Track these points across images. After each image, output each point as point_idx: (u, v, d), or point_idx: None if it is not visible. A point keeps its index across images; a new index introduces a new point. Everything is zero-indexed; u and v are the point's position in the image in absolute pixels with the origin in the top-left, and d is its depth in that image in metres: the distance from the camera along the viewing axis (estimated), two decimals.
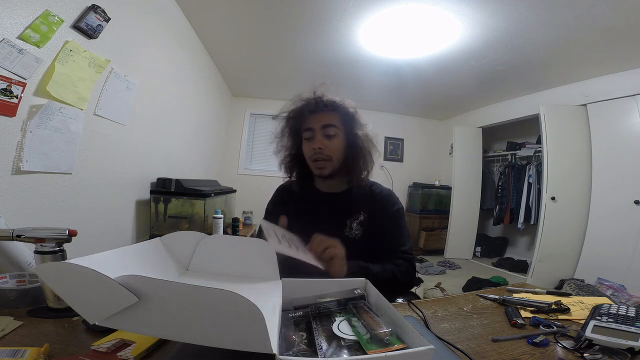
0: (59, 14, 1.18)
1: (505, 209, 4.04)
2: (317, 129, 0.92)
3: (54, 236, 0.64)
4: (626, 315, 0.63)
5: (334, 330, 0.49)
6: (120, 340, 0.51)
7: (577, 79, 3.10)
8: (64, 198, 1.33)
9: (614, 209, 2.79)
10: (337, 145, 0.93)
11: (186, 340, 0.39)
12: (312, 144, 0.92)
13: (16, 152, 1.09)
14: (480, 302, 0.82)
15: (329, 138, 0.92)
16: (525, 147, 4.01)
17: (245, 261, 0.68)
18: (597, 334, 0.57)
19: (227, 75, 3.79)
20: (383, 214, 0.97)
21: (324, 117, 0.92)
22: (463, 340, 0.60)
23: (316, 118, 0.92)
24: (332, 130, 0.92)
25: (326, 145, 0.91)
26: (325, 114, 0.93)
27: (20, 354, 0.45)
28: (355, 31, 2.49)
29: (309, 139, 0.93)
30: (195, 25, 2.56)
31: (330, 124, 0.92)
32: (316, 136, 0.92)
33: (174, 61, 2.33)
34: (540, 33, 2.31)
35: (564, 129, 3.09)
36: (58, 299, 0.63)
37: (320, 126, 0.92)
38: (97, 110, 1.48)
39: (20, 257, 0.98)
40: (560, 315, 0.72)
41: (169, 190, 2.02)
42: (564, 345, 0.57)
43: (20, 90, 1.06)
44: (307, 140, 0.94)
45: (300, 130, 0.95)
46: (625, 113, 2.75)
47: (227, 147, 4.44)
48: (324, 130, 0.92)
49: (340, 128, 0.94)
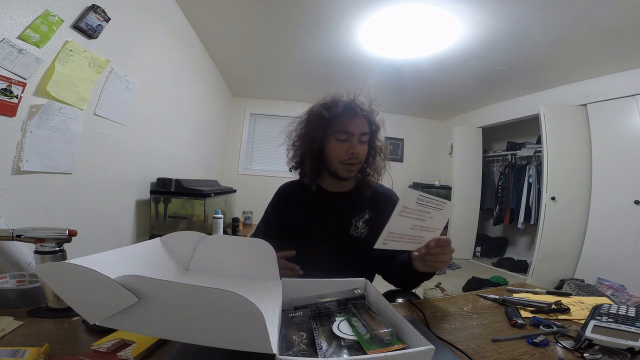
0: (59, 14, 1.18)
1: (505, 209, 4.04)
2: (356, 134, 0.93)
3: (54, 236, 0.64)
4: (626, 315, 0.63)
5: (334, 330, 0.49)
6: (120, 340, 0.51)
7: (577, 79, 3.10)
8: (64, 198, 1.33)
9: (614, 209, 2.79)
10: (366, 150, 0.97)
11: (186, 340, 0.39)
12: (348, 148, 0.92)
13: (16, 152, 1.09)
14: (480, 302, 0.82)
15: (363, 144, 0.95)
16: (525, 147, 4.01)
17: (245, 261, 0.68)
18: (597, 334, 0.56)
19: (227, 75, 3.78)
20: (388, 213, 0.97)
21: (362, 124, 0.94)
22: (463, 340, 0.60)
23: (355, 123, 0.93)
24: (365, 137, 0.95)
25: (361, 151, 0.94)
26: (363, 120, 0.95)
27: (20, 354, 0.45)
28: (355, 31, 2.49)
29: (344, 141, 0.93)
30: (195, 25, 2.56)
31: (366, 132, 0.95)
32: (353, 140, 0.92)
33: (174, 61, 2.33)
34: (540, 33, 2.31)
35: (564, 129, 3.09)
36: (58, 299, 0.63)
37: (360, 132, 0.93)
38: (97, 110, 1.48)
39: (20, 257, 0.98)
40: (560, 315, 0.72)
41: (169, 190, 2.02)
42: (564, 345, 0.57)
43: (20, 90, 1.06)
44: (340, 142, 0.93)
45: (331, 131, 0.94)
46: (625, 113, 2.75)
47: (227, 147, 4.44)
48: (361, 137, 0.94)
49: (369, 135, 0.97)
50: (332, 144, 0.94)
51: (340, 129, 0.93)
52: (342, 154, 0.93)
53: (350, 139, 0.92)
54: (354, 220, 0.96)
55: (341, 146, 0.93)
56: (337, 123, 0.93)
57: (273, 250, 0.68)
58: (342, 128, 0.92)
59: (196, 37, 2.72)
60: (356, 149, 0.92)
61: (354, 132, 0.92)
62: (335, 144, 0.94)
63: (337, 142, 0.93)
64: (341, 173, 0.95)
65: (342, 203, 0.99)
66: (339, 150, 0.93)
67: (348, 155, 0.92)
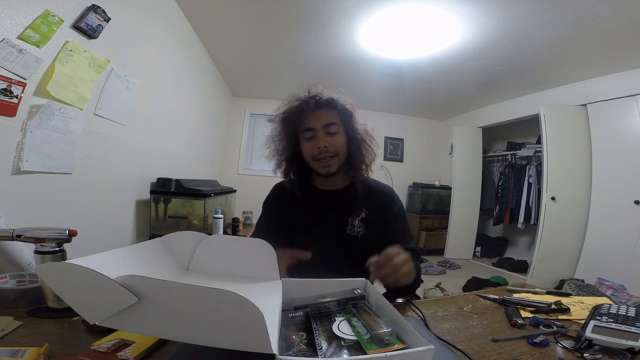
0: (59, 14, 1.18)
1: (505, 209, 4.04)
2: (319, 128, 0.91)
3: (54, 236, 0.64)
4: (626, 315, 0.63)
5: (334, 330, 0.49)
6: (120, 340, 0.51)
7: (577, 79, 3.10)
8: (64, 198, 1.33)
9: (614, 209, 2.79)
10: (340, 141, 0.93)
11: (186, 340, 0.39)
12: (315, 144, 0.91)
13: (16, 152, 1.09)
14: (480, 302, 0.82)
15: (332, 135, 0.91)
16: (525, 147, 4.01)
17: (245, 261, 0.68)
18: (597, 334, 0.56)
19: (227, 75, 3.78)
20: (385, 211, 0.97)
21: (324, 116, 0.92)
22: (463, 340, 0.60)
23: (316, 117, 0.91)
24: (334, 127, 0.92)
25: (331, 143, 0.91)
26: (325, 112, 0.92)
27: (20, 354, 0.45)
28: (355, 31, 2.49)
29: (311, 139, 0.92)
30: (195, 25, 2.56)
31: (332, 122, 0.92)
32: (319, 135, 0.91)
33: (174, 61, 2.33)
34: (540, 33, 2.30)
35: (564, 129, 3.09)
36: (58, 299, 0.63)
37: (322, 125, 0.91)
38: (97, 110, 1.48)
39: (20, 257, 0.98)
40: (560, 315, 0.72)
41: (169, 190, 2.02)
42: (564, 345, 0.57)
43: (20, 90, 1.06)
44: (308, 140, 0.93)
45: (298, 131, 0.94)
46: (625, 113, 2.75)
47: (227, 147, 4.44)
48: (326, 128, 0.91)
49: (340, 124, 0.94)
50: (303, 145, 0.94)
51: (304, 127, 0.92)
52: (312, 151, 0.92)
53: (316, 135, 0.91)
54: (350, 219, 0.94)
55: (309, 144, 0.92)
56: (300, 123, 0.92)
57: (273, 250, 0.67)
58: (305, 126, 0.92)
59: (196, 37, 2.72)
60: (321, 142, 0.90)
61: (315, 127, 0.91)
62: (305, 144, 0.94)
63: (306, 141, 0.93)
64: (319, 170, 0.94)
65: (337, 201, 0.98)
66: (308, 148, 0.93)
67: (317, 150, 0.91)
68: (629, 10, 1.94)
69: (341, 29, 2.47)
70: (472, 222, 4.37)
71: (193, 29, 2.61)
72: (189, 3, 2.24)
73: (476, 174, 4.39)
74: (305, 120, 0.91)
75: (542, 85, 3.38)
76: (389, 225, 0.95)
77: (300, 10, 2.24)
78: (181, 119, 2.60)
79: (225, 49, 3.03)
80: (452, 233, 4.32)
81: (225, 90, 4.13)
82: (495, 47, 2.58)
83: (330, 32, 2.53)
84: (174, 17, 2.26)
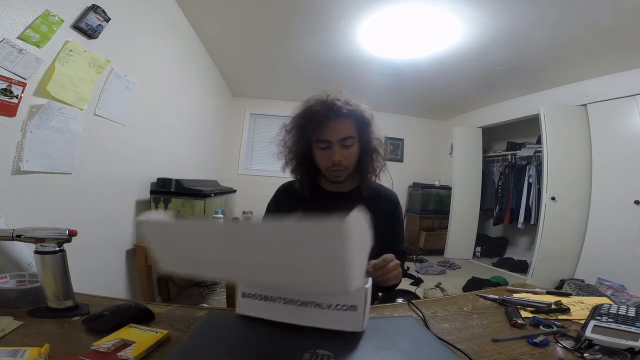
0: (59, 14, 1.18)
1: (505, 209, 4.03)
2: (335, 141, 0.89)
3: (54, 236, 0.64)
4: (626, 315, 0.63)
5: None
6: (120, 340, 0.51)
7: (577, 79, 3.10)
8: (64, 198, 1.33)
9: (614, 209, 2.79)
10: (354, 154, 0.93)
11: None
12: (329, 155, 0.90)
13: (16, 152, 1.09)
14: (480, 302, 0.82)
15: (347, 148, 0.90)
16: (525, 147, 4.00)
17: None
18: (597, 334, 0.56)
19: (227, 75, 3.78)
20: (387, 215, 0.98)
21: (340, 128, 0.89)
22: (463, 340, 0.60)
23: (332, 129, 0.88)
24: (349, 141, 0.90)
25: (345, 157, 0.90)
26: (343, 124, 0.89)
27: (20, 354, 0.45)
28: (355, 31, 2.49)
29: (325, 149, 0.91)
30: (195, 25, 2.56)
31: (348, 136, 0.90)
32: (333, 148, 0.89)
33: (174, 61, 2.33)
34: (540, 33, 2.30)
35: (564, 129, 3.09)
36: (58, 299, 0.63)
37: (338, 139, 0.89)
38: (97, 110, 1.48)
39: (20, 257, 0.98)
40: (560, 315, 0.72)
41: (169, 190, 2.02)
42: (564, 345, 0.57)
43: (20, 90, 1.06)
44: (322, 150, 0.91)
45: (312, 139, 0.91)
46: (625, 113, 2.75)
47: (227, 147, 4.44)
48: (342, 142, 0.89)
49: (355, 137, 0.92)
50: (316, 152, 0.94)
51: (319, 138, 0.90)
52: (324, 162, 0.92)
53: (331, 147, 0.90)
54: None
55: (323, 154, 0.92)
56: (315, 132, 0.89)
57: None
58: (320, 137, 0.90)
59: (196, 37, 2.72)
60: (336, 156, 0.89)
61: (331, 140, 0.89)
62: (318, 152, 0.93)
63: (319, 150, 0.92)
64: (330, 178, 0.95)
65: (343, 203, 0.98)
66: (321, 158, 0.93)
67: (330, 163, 0.90)
68: (629, 10, 1.94)
69: (341, 29, 2.47)
70: (472, 222, 4.36)
71: (193, 29, 2.61)
72: (189, 3, 2.24)
73: (476, 174, 4.38)
74: (322, 131, 0.89)
75: (542, 85, 3.38)
76: (388, 229, 0.96)
77: (300, 10, 2.24)
78: (181, 119, 2.60)
79: (225, 49, 3.03)
80: (452, 233, 4.32)
81: (225, 90, 4.13)
82: (495, 47, 2.58)
83: (330, 32, 2.53)
84: (174, 17, 2.26)
